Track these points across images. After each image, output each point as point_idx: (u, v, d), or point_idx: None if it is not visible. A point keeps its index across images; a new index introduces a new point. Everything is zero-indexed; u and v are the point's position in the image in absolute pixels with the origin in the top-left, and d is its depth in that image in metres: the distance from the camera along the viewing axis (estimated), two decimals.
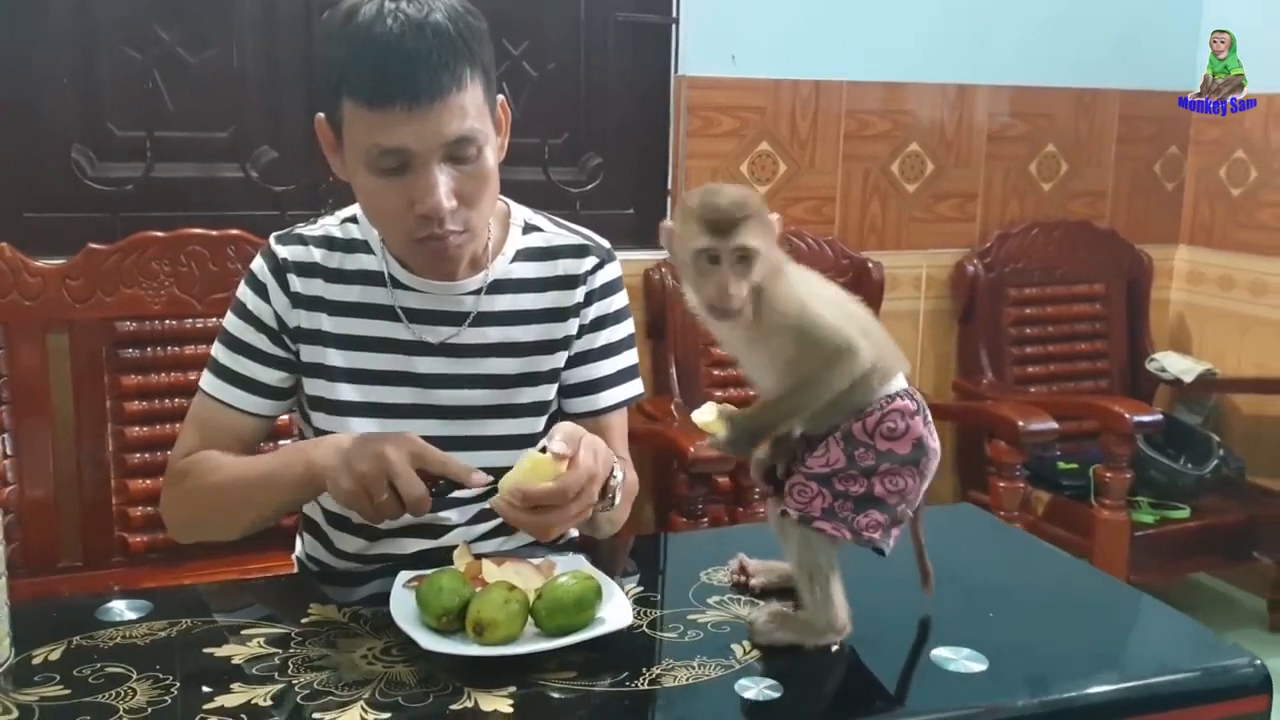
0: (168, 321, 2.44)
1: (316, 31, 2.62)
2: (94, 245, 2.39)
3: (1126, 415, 2.76)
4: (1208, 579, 3.44)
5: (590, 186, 2.91)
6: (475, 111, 1.34)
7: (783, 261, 1.17)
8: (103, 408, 2.40)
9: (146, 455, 2.42)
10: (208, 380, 1.50)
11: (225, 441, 1.48)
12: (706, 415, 1.20)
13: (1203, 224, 3.54)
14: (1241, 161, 3.40)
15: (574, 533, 1.67)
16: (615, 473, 1.31)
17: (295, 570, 1.66)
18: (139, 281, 2.41)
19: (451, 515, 1.51)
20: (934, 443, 1.19)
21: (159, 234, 2.43)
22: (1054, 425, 2.67)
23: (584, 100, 2.90)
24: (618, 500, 1.35)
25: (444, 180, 1.34)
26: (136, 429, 2.41)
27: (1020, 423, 2.64)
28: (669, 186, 3.00)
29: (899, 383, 1.19)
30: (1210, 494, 3.07)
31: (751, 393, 1.26)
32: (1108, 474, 2.81)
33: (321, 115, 1.41)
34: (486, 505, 1.51)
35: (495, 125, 1.40)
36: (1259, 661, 1.18)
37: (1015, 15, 3.23)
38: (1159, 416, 2.87)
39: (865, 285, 3.03)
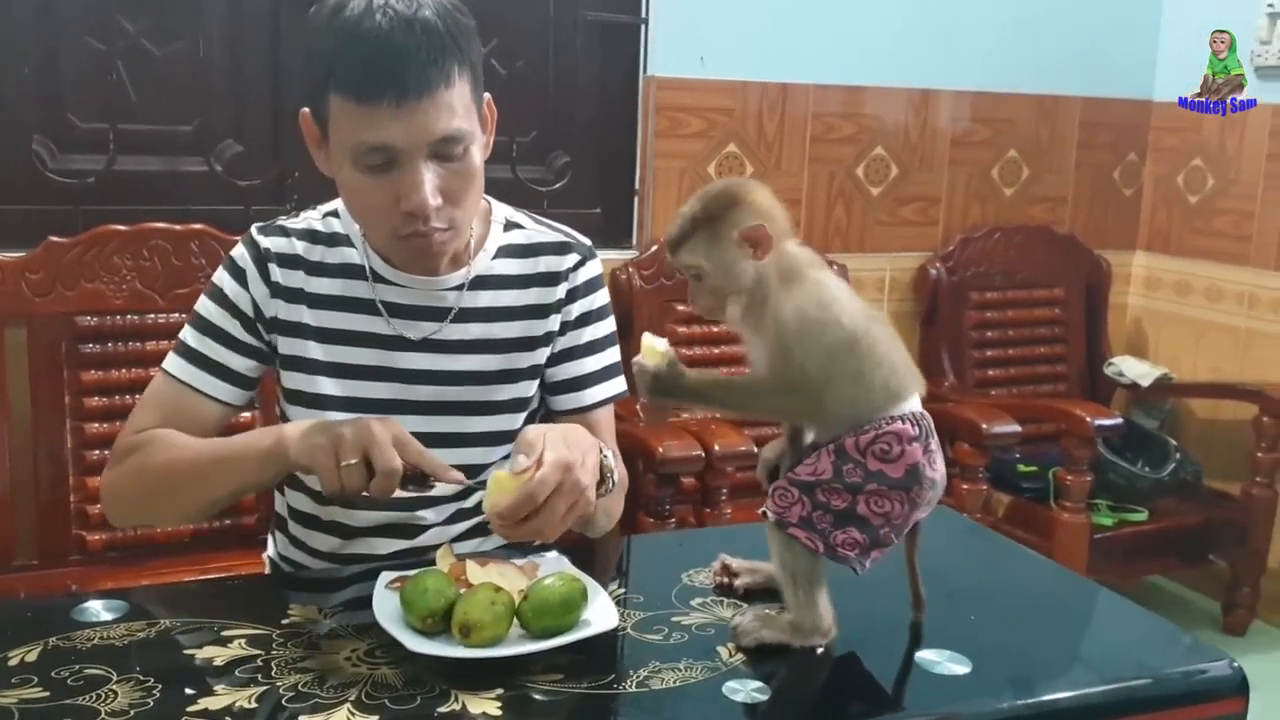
0: (129, 316, 2.40)
1: (283, 25, 2.60)
2: (55, 238, 2.34)
3: (1088, 419, 2.79)
4: (1163, 581, 3.49)
5: (558, 185, 2.90)
6: (462, 109, 1.33)
7: (796, 267, 1.16)
8: (61, 403, 2.36)
9: (106, 452, 2.32)
10: (173, 363, 1.47)
11: (184, 426, 1.44)
12: (656, 345, 1.18)
13: (1160, 230, 3.59)
14: (1199, 169, 3.45)
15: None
16: (605, 453, 1.30)
17: (267, 570, 1.64)
18: (100, 276, 2.37)
19: (428, 515, 1.50)
20: (932, 472, 1.16)
21: (121, 228, 2.39)
22: (1017, 428, 2.70)
23: (552, 99, 2.89)
24: (615, 480, 1.34)
25: (430, 178, 1.33)
26: (96, 425, 2.38)
27: (984, 425, 2.67)
28: (636, 186, 3.00)
29: (910, 404, 1.16)
30: (1167, 497, 3.11)
31: None
32: (1069, 477, 2.84)
33: (306, 110, 1.39)
34: (464, 505, 1.51)
35: (481, 123, 1.40)
36: (1236, 664, 1.20)
37: (979, 22, 3.26)
38: (1119, 420, 2.91)
39: None
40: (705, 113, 2.98)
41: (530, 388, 1.54)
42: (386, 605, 1.18)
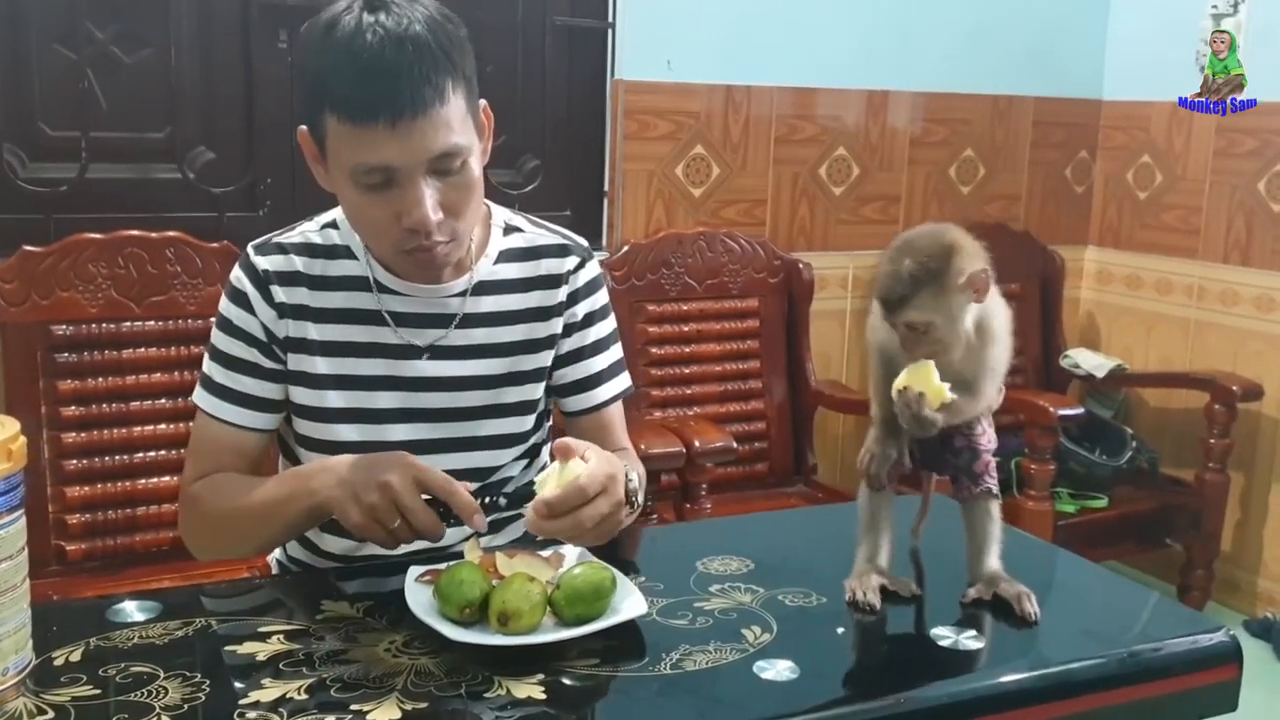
0: (105, 325, 2.40)
1: (253, 31, 2.60)
2: (29, 247, 2.33)
3: (1051, 409, 2.87)
4: (1120, 565, 3.57)
5: (528, 189, 2.92)
6: (459, 124, 1.34)
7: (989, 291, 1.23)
8: (38, 413, 2.34)
9: (83, 461, 2.37)
10: (207, 401, 1.48)
11: (232, 460, 1.47)
12: (921, 379, 1.22)
13: (1110, 226, 3.69)
14: (1148, 166, 3.55)
15: None
16: (631, 475, 1.34)
17: (274, 572, 1.65)
18: (75, 284, 2.37)
19: None
20: None
21: (96, 236, 2.39)
22: None
23: (521, 103, 2.91)
24: (639, 501, 1.38)
25: (429, 193, 1.33)
26: (72, 435, 2.36)
27: None
28: (605, 188, 3.03)
29: None
30: (1125, 484, 3.21)
31: None
32: (1033, 466, 2.91)
33: (304, 128, 1.39)
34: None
35: (479, 131, 1.41)
36: (1231, 633, 1.26)
37: (934, 24, 3.33)
38: (1081, 410, 3.00)
39: (795, 285, 3.10)
40: (672, 115, 3.03)
41: (537, 390, 1.56)
42: (419, 598, 1.20)
